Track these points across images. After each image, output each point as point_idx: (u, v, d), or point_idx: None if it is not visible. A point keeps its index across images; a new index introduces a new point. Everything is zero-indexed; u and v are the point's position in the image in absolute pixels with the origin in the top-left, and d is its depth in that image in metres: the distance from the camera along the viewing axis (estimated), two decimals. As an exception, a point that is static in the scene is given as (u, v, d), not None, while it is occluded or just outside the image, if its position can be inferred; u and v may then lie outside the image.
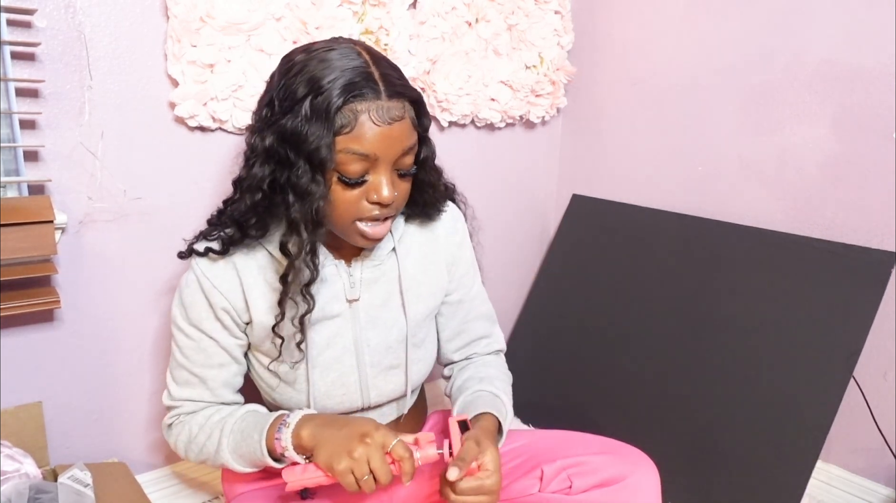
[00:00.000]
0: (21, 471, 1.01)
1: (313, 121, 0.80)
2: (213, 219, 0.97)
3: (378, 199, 0.85)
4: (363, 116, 0.81)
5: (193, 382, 0.96)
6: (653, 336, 1.51)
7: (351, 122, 0.81)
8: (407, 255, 1.00)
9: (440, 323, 1.10)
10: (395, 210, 0.90)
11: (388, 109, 0.82)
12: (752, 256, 1.43)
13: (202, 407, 0.97)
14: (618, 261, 1.66)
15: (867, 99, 1.31)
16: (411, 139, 0.86)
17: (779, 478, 1.22)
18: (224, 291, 0.91)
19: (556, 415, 1.59)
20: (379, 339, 0.98)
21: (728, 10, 1.49)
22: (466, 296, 1.09)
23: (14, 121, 1.07)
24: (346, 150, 0.82)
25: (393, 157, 0.84)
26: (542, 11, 1.65)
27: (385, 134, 0.82)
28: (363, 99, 0.81)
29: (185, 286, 0.93)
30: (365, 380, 0.98)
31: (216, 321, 0.93)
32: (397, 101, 0.84)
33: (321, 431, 0.85)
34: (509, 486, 1.00)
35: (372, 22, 1.36)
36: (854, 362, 1.22)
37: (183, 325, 0.94)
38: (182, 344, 0.95)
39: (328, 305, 0.94)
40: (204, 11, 1.15)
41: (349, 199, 0.85)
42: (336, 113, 0.80)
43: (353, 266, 0.96)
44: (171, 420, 0.98)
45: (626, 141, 1.75)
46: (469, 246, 1.08)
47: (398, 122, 0.83)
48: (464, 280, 1.08)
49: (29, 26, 1.06)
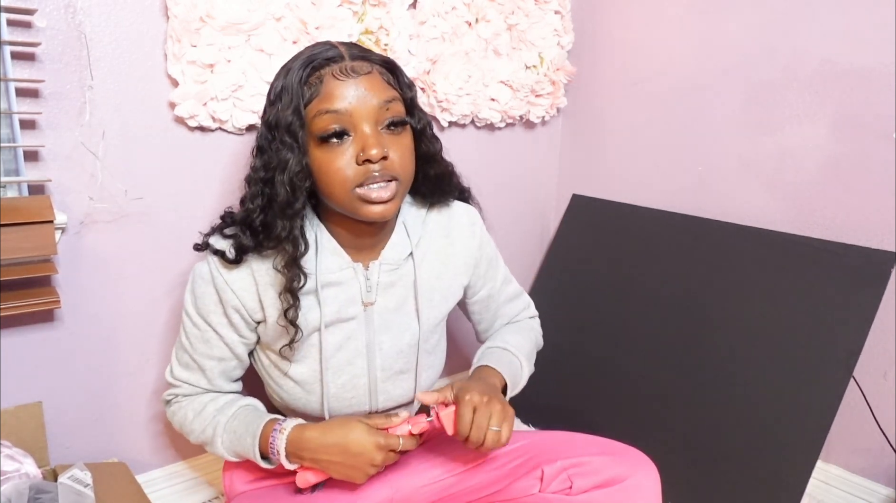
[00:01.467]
0: (21, 471, 1.01)
1: (285, 99, 0.84)
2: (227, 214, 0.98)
3: (366, 157, 0.84)
4: (327, 77, 0.84)
5: (193, 367, 0.98)
6: (653, 336, 1.51)
7: (317, 87, 0.84)
8: (423, 261, 1.01)
9: (475, 318, 1.14)
10: (399, 171, 0.87)
11: (353, 67, 0.85)
12: (752, 256, 1.43)
13: (198, 392, 0.99)
14: (618, 261, 1.66)
15: (867, 99, 1.31)
16: (387, 92, 0.86)
17: (779, 478, 1.22)
18: (237, 290, 0.92)
19: (557, 416, 1.59)
20: (391, 343, 0.98)
21: (728, 10, 1.49)
22: (494, 289, 1.12)
23: (14, 121, 1.07)
24: (319, 113, 0.84)
25: (371, 112, 0.85)
26: (542, 11, 1.65)
27: (352, 87, 0.84)
28: (326, 65, 0.85)
29: (198, 276, 0.94)
30: (374, 383, 0.99)
31: (224, 317, 0.94)
32: (363, 61, 0.86)
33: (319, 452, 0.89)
34: (510, 487, 1.00)
35: (372, 22, 1.36)
36: (854, 362, 1.22)
37: (191, 313, 0.96)
38: (188, 330, 0.97)
39: (344, 308, 0.95)
40: (204, 11, 1.15)
41: (338, 165, 0.85)
42: (303, 85, 0.84)
43: (370, 269, 0.97)
44: (170, 398, 1.02)
45: (626, 141, 1.75)
46: (488, 242, 1.10)
47: (364, 75, 0.85)
48: (489, 274, 1.10)
49: (29, 26, 1.06)
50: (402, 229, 0.99)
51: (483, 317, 1.14)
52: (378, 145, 0.84)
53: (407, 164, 0.89)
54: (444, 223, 1.04)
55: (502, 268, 1.13)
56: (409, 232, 0.99)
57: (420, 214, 1.02)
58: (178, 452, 1.39)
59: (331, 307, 0.94)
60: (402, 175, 0.88)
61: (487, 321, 1.15)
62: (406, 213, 1.01)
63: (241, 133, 1.28)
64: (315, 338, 0.95)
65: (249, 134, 1.30)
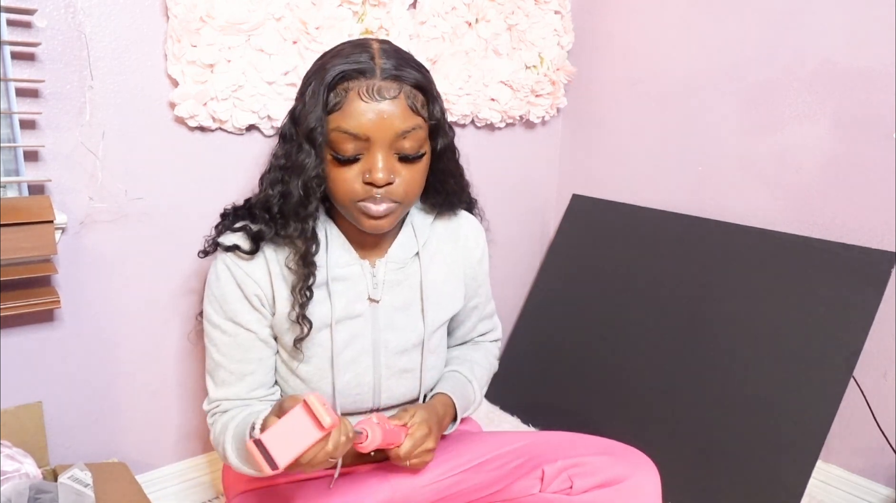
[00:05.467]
0: (21, 471, 1.01)
1: (312, 100, 0.84)
2: (228, 211, 0.97)
3: (371, 180, 0.85)
4: (353, 93, 0.84)
5: (230, 382, 0.95)
6: (653, 336, 1.51)
7: (341, 100, 0.84)
8: (431, 262, 1.01)
9: (451, 325, 1.13)
10: (401, 197, 0.88)
11: (380, 89, 0.84)
12: (752, 256, 1.43)
13: (233, 406, 0.95)
14: (618, 261, 1.66)
15: (867, 99, 1.31)
16: (408, 121, 0.85)
17: (779, 478, 1.22)
18: (257, 279, 0.92)
19: (557, 416, 1.59)
20: (397, 342, 0.98)
21: (728, 10, 1.49)
22: (479, 303, 1.13)
23: (14, 121, 1.07)
24: (337, 129, 0.84)
25: (387, 139, 0.85)
26: (542, 11, 1.65)
27: (375, 111, 0.83)
28: (356, 78, 0.84)
29: (214, 280, 0.93)
30: (378, 381, 0.99)
31: (252, 311, 0.93)
32: (393, 82, 0.85)
33: None
34: (510, 487, 1.00)
35: (372, 22, 1.36)
36: (854, 362, 1.22)
37: (217, 321, 0.94)
38: (218, 342, 0.94)
39: (351, 305, 0.95)
40: (204, 11, 1.14)
41: (345, 179, 0.86)
42: (329, 91, 0.84)
43: (377, 267, 0.97)
44: (212, 420, 0.97)
45: (626, 141, 1.75)
46: (487, 258, 1.11)
47: (390, 101, 0.84)
48: (479, 290, 1.11)
49: (29, 26, 1.06)
50: (409, 229, 1.00)
51: (460, 326, 1.14)
52: (385, 170, 0.85)
53: (412, 191, 0.90)
54: (450, 229, 1.05)
55: (489, 286, 1.15)
56: (416, 233, 1.00)
57: (427, 219, 1.03)
58: (178, 452, 1.39)
59: (339, 303, 0.94)
60: (404, 200, 0.90)
61: (461, 331, 1.14)
62: (414, 216, 1.02)
63: (241, 133, 1.28)
64: (322, 337, 0.95)
65: (249, 134, 1.30)
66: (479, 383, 1.08)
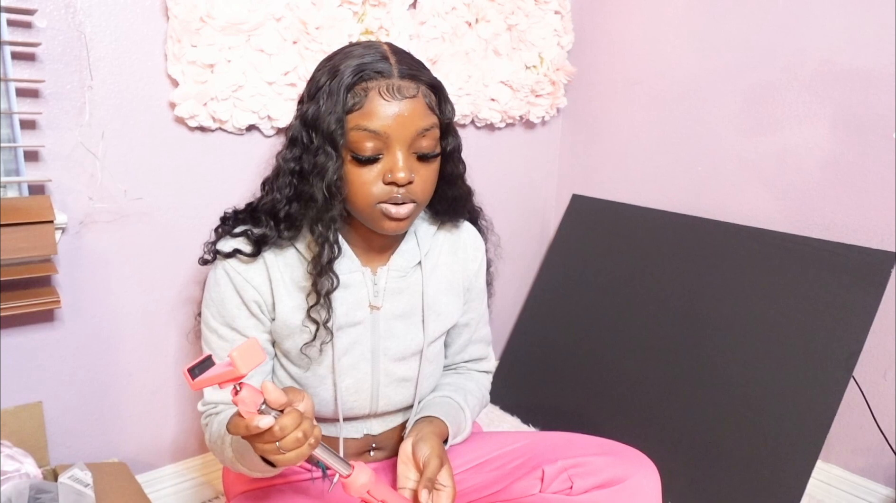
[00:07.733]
0: (21, 471, 1.01)
1: (328, 102, 0.84)
2: (229, 215, 0.97)
3: (393, 179, 0.85)
4: (373, 93, 0.83)
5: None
6: (653, 336, 1.51)
7: (361, 100, 0.84)
8: (432, 272, 1.01)
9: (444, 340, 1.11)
10: (419, 196, 0.88)
11: (399, 87, 0.84)
12: (752, 256, 1.43)
13: (228, 408, 0.94)
14: (617, 261, 1.66)
15: (867, 99, 1.31)
16: (426, 120, 0.86)
17: (779, 478, 1.22)
18: (256, 285, 0.91)
19: (557, 416, 1.59)
20: (396, 350, 0.98)
21: (728, 11, 1.49)
22: (473, 320, 1.10)
23: (14, 121, 1.07)
24: (357, 128, 0.84)
25: (407, 137, 0.85)
26: (542, 11, 1.65)
27: (395, 110, 0.83)
28: (374, 78, 0.84)
29: (213, 285, 0.93)
30: (377, 388, 0.99)
31: (250, 317, 0.93)
32: (410, 81, 0.85)
33: None
34: (510, 487, 1.00)
35: (372, 22, 1.36)
36: (854, 362, 1.22)
37: (215, 326, 0.93)
38: (215, 345, 0.94)
39: (352, 312, 0.95)
40: (204, 11, 1.14)
41: (365, 180, 0.86)
42: (348, 91, 0.83)
43: (378, 274, 0.97)
44: (206, 421, 0.96)
45: (626, 141, 1.75)
46: (485, 274, 1.10)
47: (409, 99, 0.84)
48: (473, 304, 1.09)
49: (29, 26, 1.06)
50: (412, 238, 1.00)
51: (453, 343, 1.11)
52: (406, 170, 0.85)
53: (428, 190, 0.91)
54: (452, 241, 1.05)
55: (485, 305, 1.13)
56: (419, 242, 1.00)
57: (431, 229, 1.03)
58: (178, 452, 1.39)
59: (339, 310, 0.94)
60: (421, 199, 0.90)
61: (453, 348, 1.11)
62: (418, 226, 1.02)
63: (242, 133, 1.28)
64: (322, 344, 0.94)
65: (249, 134, 1.30)
66: (471, 412, 1.06)
